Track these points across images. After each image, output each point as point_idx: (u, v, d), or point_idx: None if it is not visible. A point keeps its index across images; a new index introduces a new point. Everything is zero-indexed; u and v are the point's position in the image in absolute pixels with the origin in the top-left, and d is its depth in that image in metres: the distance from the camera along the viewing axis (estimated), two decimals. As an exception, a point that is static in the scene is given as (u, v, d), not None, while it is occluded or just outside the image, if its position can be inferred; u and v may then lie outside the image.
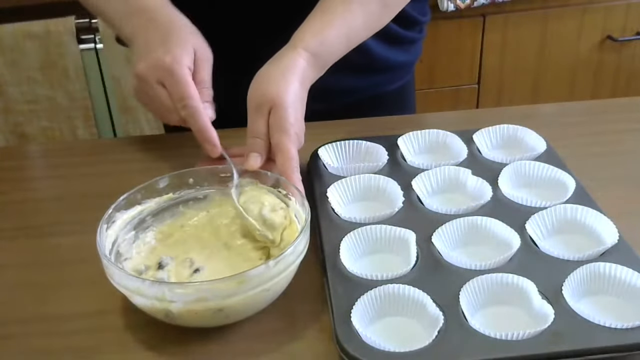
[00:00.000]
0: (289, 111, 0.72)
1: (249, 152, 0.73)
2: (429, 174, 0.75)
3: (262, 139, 0.73)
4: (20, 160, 0.93)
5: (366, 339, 0.55)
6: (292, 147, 0.71)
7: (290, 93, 0.73)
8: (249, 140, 0.73)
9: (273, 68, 0.75)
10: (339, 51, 0.81)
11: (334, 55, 0.80)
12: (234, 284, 0.56)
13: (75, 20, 1.68)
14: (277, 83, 0.73)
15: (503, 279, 0.60)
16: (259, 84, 0.75)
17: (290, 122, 0.71)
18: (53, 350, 0.60)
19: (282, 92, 0.72)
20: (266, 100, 0.72)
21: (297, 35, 0.78)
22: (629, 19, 1.95)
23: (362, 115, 0.95)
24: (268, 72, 0.75)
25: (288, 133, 0.71)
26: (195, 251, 0.66)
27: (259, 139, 0.73)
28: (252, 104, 0.74)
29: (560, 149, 0.80)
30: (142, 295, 0.57)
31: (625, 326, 0.55)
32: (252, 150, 0.73)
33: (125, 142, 0.97)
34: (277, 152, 0.71)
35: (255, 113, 0.73)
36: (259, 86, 0.74)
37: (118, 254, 0.64)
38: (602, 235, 0.65)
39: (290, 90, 0.73)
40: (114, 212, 0.65)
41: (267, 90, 0.73)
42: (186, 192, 0.71)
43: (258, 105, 0.73)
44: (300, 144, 0.73)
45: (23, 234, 0.75)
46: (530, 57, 1.97)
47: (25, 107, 1.76)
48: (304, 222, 0.62)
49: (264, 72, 0.75)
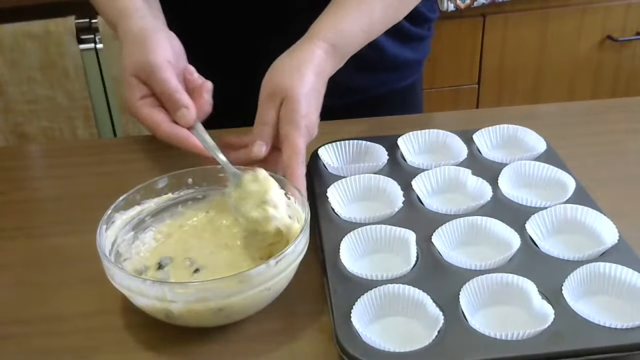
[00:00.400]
0: (301, 103, 0.71)
1: (255, 139, 0.72)
2: (429, 174, 0.75)
3: (270, 127, 0.71)
4: (20, 160, 0.93)
5: (366, 339, 0.55)
6: (301, 140, 0.70)
7: (304, 85, 0.72)
8: (257, 127, 0.72)
9: (289, 59, 0.75)
10: (357, 42, 0.80)
11: (353, 46, 0.79)
12: (235, 284, 0.56)
13: (75, 20, 1.68)
14: (292, 74, 0.72)
15: (503, 279, 0.60)
16: (273, 74, 0.74)
17: (301, 115, 0.70)
18: (53, 350, 0.60)
19: (295, 84, 0.71)
20: (279, 90, 0.71)
21: (315, 26, 0.77)
22: (629, 19, 1.95)
23: (369, 113, 0.94)
24: (283, 63, 0.74)
25: (298, 126, 0.70)
26: (195, 251, 0.66)
27: (267, 126, 0.72)
28: (264, 92, 0.73)
29: (560, 149, 0.80)
30: (143, 295, 0.57)
31: (625, 326, 0.55)
32: (258, 137, 0.71)
33: (125, 142, 0.97)
34: (284, 144, 0.70)
35: (267, 102, 0.72)
36: (273, 76, 0.73)
37: (118, 255, 0.64)
38: (602, 235, 0.65)
39: (304, 82, 0.72)
40: (113, 213, 0.65)
41: (281, 81, 0.72)
42: (185, 192, 0.71)
43: (270, 95, 0.72)
44: (311, 137, 0.72)
45: (23, 234, 0.75)
46: (530, 57, 1.97)
47: (25, 107, 1.76)
48: (304, 222, 0.62)
49: (279, 63, 0.75)
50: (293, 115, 0.70)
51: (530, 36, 1.93)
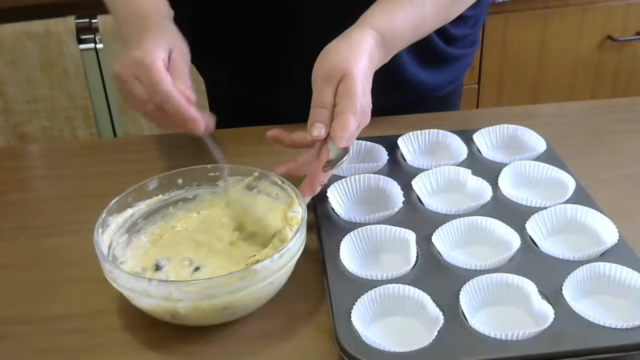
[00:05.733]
0: (358, 81, 0.68)
1: (313, 122, 0.69)
2: (429, 174, 0.75)
3: (327, 109, 0.69)
4: (20, 160, 0.93)
5: (366, 339, 0.55)
6: (352, 117, 0.67)
7: (361, 65, 0.70)
8: (314, 109, 0.70)
9: (342, 42, 0.72)
10: (405, 38, 0.78)
11: (400, 42, 0.78)
12: (238, 279, 0.56)
13: (75, 20, 1.68)
14: (347, 55, 0.70)
15: (503, 279, 0.60)
16: (327, 57, 0.71)
17: (358, 93, 0.68)
18: (53, 350, 0.60)
19: (352, 63, 0.69)
20: (337, 70, 0.69)
21: (366, 15, 0.75)
22: (629, 19, 1.94)
23: None
24: (338, 46, 0.72)
25: (354, 103, 0.67)
26: (190, 251, 0.66)
27: (324, 108, 0.69)
28: (319, 74, 0.70)
29: (560, 149, 0.80)
30: (148, 295, 0.57)
31: (625, 326, 0.55)
32: (316, 120, 0.69)
33: (125, 142, 0.97)
34: (335, 118, 0.68)
35: (323, 83, 0.70)
36: (327, 59, 0.71)
37: (114, 258, 0.64)
38: (602, 235, 0.65)
39: (360, 62, 0.70)
40: (107, 216, 0.65)
41: (337, 60, 0.70)
42: (176, 193, 0.71)
43: (327, 76, 0.69)
44: (366, 121, 0.70)
45: (23, 234, 0.75)
46: (530, 57, 1.97)
47: (25, 107, 1.76)
48: (303, 214, 0.63)
49: (332, 47, 0.72)
50: (351, 92, 0.68)
51: (530, 36, 1.93)
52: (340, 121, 0.67)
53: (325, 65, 0.70)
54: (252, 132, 0.90)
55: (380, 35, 0.74)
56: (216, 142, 0.73)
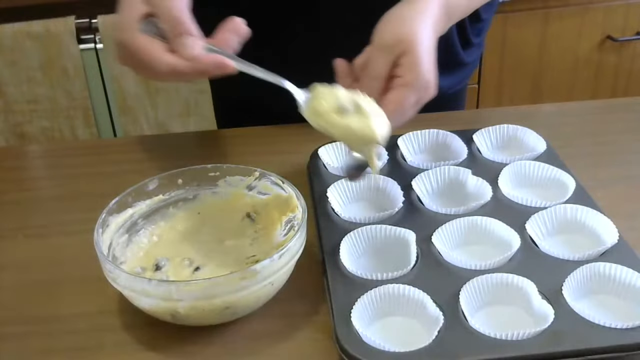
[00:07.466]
0: (424, 56, 0.65)
1: None
2: (429, 174, 0.75)
3: (379, 82, 0.66)
4: (20, 160, 0.93)
5: (366, 339, 0.55)
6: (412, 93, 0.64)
7: (426, 37, 0.66)
8: (364, 80, 0.67)
9: (407, 9, 0.68)
10: (462, 8, 0.76)
11: (458, 12, 0.75)
12: (239, 279, 0.56)
13: (75, 20, 1.68)
14: (412, 24, 0.66)
15: (503, 279, 0.60)
16: (389, 23, 0.67)
17: (423, 71, 0.64)
18: (53, 350, 0.60)
19: (417, 35, 0.65)
20: (399, 41, 0.65)
21: None
22: (629, 19, 1.94)
23: None
24: (402, 11, 0.68)
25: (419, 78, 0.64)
26: (190, 251, 0.66)
27: (376, 81, 0.66)
28: (379, 42, 0.66)
29: (560, 149, 0.80)
30: (148, 295, 0.57)
31: (625, 326, 0.55)
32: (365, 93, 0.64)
33: (125, 142, 0.97)
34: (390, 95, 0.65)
35: (381, 52, 0.66)
36: (390, 25, 0.67)
37: (114, 258, 0.64)
38: (602, 235, 0.65)
39: (425, 34, 0.66)
40: (107, 216, 0.65)
41: (401, 30, 0.65)
42: (176, 192, 0.71)
43: (387, 46, 0.65)
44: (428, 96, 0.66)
45: (23, 234, 0.75)
46: (530, 57, 1.97)
47: (25, 107, 1.76)
48: (303, 214, 0.63)
49: (396, 12, 0.68)
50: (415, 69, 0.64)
51: (530, 36, 1.93)
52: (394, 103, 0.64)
53: (387, 33, 0.67)
54: (253, 132, 0.90)
55: (446, 3, 0.70)
56: None
